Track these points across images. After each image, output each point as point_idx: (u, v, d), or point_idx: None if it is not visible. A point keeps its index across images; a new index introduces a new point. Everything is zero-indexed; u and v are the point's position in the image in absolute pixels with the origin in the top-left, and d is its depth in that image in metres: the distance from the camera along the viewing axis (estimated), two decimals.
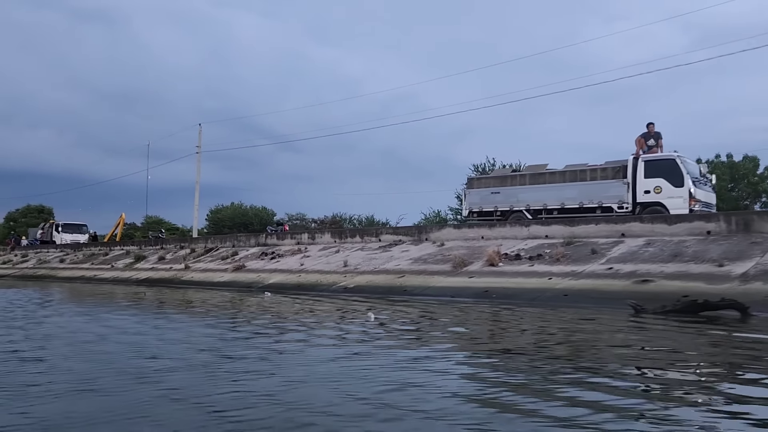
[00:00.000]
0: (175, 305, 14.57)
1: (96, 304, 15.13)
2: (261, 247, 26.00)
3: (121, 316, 11.83)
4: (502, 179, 20.44)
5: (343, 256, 20.80)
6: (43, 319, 11.09)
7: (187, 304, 14.94)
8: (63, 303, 15.82)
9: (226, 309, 13.17)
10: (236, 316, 11.31)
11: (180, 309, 13.47)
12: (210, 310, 12.99)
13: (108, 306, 14.54)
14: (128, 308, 13.70)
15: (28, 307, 14.15)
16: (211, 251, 27.78)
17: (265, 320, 10.42)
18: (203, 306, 14.20)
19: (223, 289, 20.59)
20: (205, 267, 25.07)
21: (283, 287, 18.72)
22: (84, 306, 14.70)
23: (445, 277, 15.78)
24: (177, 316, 11.51)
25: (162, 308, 13.70)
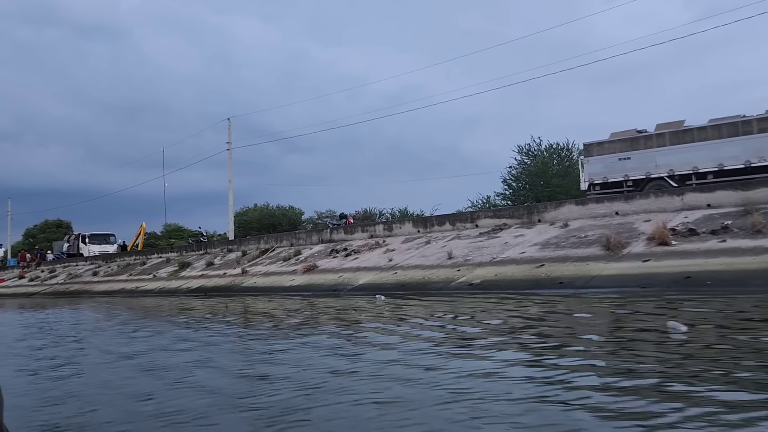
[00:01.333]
0: (277, 318, 11.32)
1: (182, 322, 11.92)
2: (326, 244, 22.76)
3: (235, 339, 8.62)
4: (631, 142, 16.95)
5: (439, 247, 17.50)
6: (160, 349, 7.91)
7: (289, 315, 11.68)
8: (141, 323, 12.64)
9: (358, 321, 9.90)
10: (396, 334, 8.03)
11: (296, 325, 10.21)
12: (336, 322, 9.73)
13: (198, 324, 11.32)
14: (227, 326, 10.47)
15: (111, 331, 10.98)
16: (267, 252, 24.57)
17: (460, 338, 7.13)
18: (313, 318, 10.93)
19: (299, 294, 17.37)
20: (266, 270, 21.85)
21: (381, 288, 15.45)
22: (172, 324, 11.49)
23: (605, 263, 12.41)
24: (315, 338, 8.25)
25: (269, 324, 10.45)
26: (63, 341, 9.94)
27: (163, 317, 13.70)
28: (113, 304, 20.43)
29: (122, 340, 9.50)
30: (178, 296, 22.30)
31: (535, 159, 46.91)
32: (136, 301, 21.67)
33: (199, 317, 12.76)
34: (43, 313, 18.90)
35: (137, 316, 14.40)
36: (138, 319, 13.60)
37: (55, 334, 11.43)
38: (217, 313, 13.34)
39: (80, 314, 16.42)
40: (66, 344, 9.46)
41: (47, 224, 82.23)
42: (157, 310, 16.28)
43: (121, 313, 15.66)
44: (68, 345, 9.36)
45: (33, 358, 8.04)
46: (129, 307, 18.09)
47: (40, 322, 14.80)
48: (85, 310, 17.95)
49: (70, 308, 20.24)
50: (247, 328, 10.15)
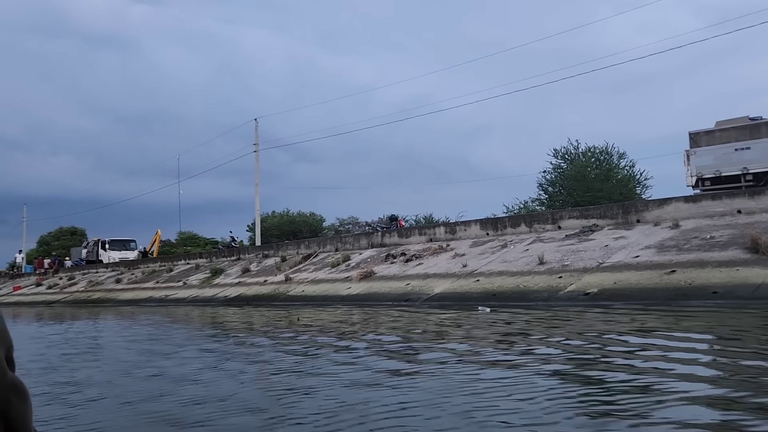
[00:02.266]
0: (367, 334, 9.11)
1: (268, 345, 9.75)
2: (377, 248, 20.58)
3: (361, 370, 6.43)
4: (750, 130, 14.66)
5: (521, 251, 15.28)
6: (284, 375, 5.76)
7: (380, 330, 9.46)
8: (205, 338, 10.49)
9: (512, 342, 7.68)
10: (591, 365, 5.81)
11: (422, 349, 8.00)
12: (478, 343, 7.51)
13: (283, 346, 9.15)
14: (316, 348, 8.28)
15: (187, 354, 8.83)
16: (310, 258, 22.41)
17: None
18: (433, 335, 8.72)
19: (359, 304, 15.20)
20: (313, 277, 19.68)
21: (466, 297, 13.24)
22: (257, 346, 9.32)
23: (762, 268, 10.15)
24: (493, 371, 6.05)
25: (367, 344, 8.24)
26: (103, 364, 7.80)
27: (226, 333, 11.52)
28: (146, 314, 18.28)
29: (213, 377, 7.32)
30: (215, 305, 20.17)
31: (572, 163, 44.61)
32: (169, 311, 19.54)
33: (271, 334, 10.58)
34: (72, 324, 16.82)
35: (191, 333, 12.22)
36: (197, 338, 11.43)
37: (96, 356, 9.29)
38: (283, 327, 11.15)
39: (117, 328, 14.30)
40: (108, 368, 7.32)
41: (61, 231, 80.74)
42: (198, 321, 14.12)
43: (167, 327, 13.49)
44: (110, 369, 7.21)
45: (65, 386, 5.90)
46: (170, 319, 15.93)
47: (78, 336, 12.67)
48: (120, 323, 15.83)
49: (97, 319, 18.14)
50: (350, 352, 7.95)
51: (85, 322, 17.27)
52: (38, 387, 6.01)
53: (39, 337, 12.23)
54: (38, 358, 8.67)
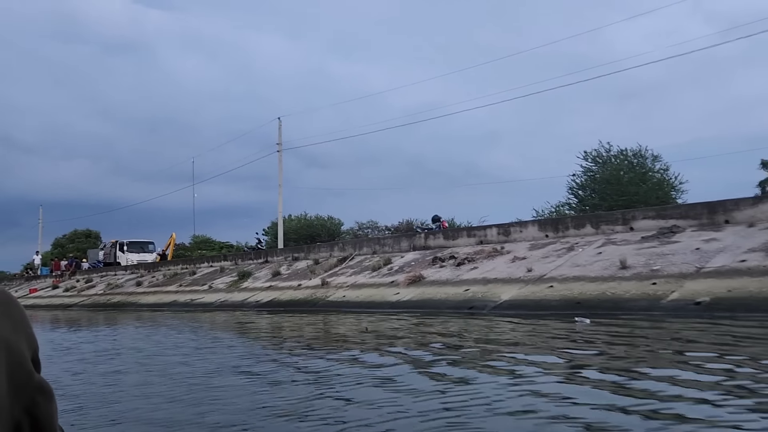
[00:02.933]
0: (475, 352, 7.55)
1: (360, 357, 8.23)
2: (421, 251, 19.03)
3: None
4: None
5: (593, 254, 13.69)
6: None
7: (497, 343, 7.89)
8: (276, 351, 8.97)
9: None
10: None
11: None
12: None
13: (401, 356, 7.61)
14: (437, 382, 6.73)
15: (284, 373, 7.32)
16: (346, 261, 20.89)
17: None
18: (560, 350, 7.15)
19: (410, 312, 13.69)
20: (353, 282, 18.15)
21: (543, 305, 11.67)
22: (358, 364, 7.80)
23: None
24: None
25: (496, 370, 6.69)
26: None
27: (275, 346, 9.99)
28: (178, 320, 16.77)
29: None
30: (246, 311, 18.70)
31: (604, 166, 42.88)
32: (200, 316, 18.07)
33: (360, 347, 9.04)
34: (99, 330, 15.37)
35: (251, 345, 10.68)
36: (267, 350, 9.91)
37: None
38: (358, 338, 9.60)
39: (157, 336, 12.81)
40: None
41: (76, 234, 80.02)
42: (261, 332, 12.61)
43: (213, 336, 11.95)
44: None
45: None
46: (210, 326, 14.44)
47: (116, 346, 11.20)
48: (154, 329, 14.34)
49: (125, 325, 16.69)
50: (515, 377, 6.39)
51: (114, 328, 15.81)
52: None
53: (70, 347, 10.75)
54: (84, 379, 7.19)
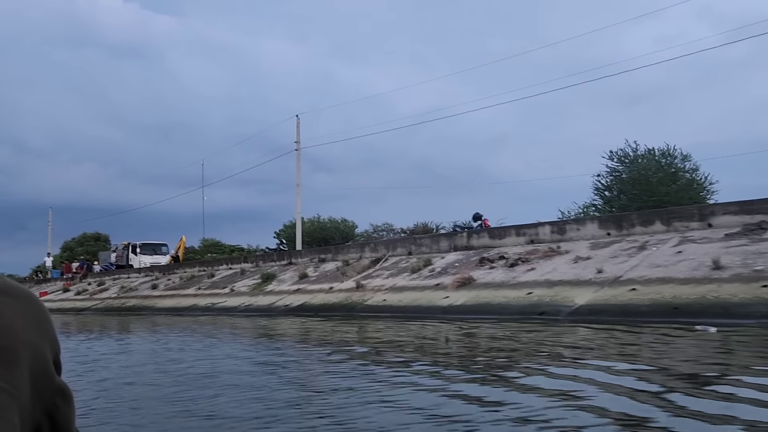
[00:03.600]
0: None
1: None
2: (463, 251, 17.51)
3: None
4: None
5: (672, 254, 12.15)
6: None
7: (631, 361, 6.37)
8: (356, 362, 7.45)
9: None
10: None
11: None
12: None
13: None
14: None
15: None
16: (380, 262, 19.38)
17: None
18: None
19: (464, 318, 12.20)
20: (391, 284, 16.65)
21: (630, 311, 10.15)
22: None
23: None
24: None
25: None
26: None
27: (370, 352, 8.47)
28: (206, 325, 15.26)
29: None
30: (275, 316, 17.24)
31: (631, 166, 41.25)
32: (227, 321, 16.59)
33: (449, 358, 7.53)
34: (121, 338, 13.91)
35: (314, 353, 9.14)
36: (340, 362, 8.41)
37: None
38: (443, 348, 8.08)
39: (197, 345, 11.32)
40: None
41: (85, 237, 78.96)
42: (308, 338, 11.10)
43: (262, 344, 10.42)
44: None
45: None
46: (249, 333, 12.95)
47: (152, 359, 9.74)
48: (187, 337, 12.84)
49: (149, 331, 15.24)
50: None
51: (138, 335, 14.34)
52: None
53: (93, 359, 9.26)
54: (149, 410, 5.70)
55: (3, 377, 0.58)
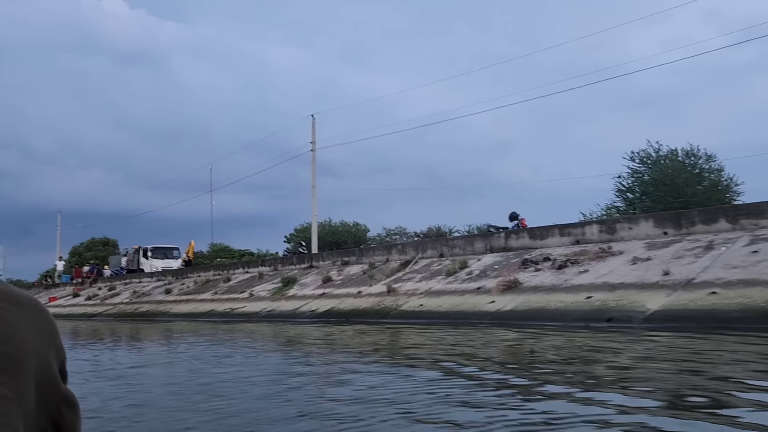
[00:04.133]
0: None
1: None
2: (501, 253, 16.37)
3: None
4: None
5: (745, 254, 10.99)
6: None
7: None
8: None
9: None
10: None
11: None
12: None
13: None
14: None
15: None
16: (410, 264, 18.25)
17: None
18: None
19: (515, 324, 11.06)
20: (425, 288, 15.53)
21: (717, 317, 8.98)
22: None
23: None
24: None
25: None
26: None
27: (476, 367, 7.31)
28: (233, 332, 14.13)
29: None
30: (300, 322, 16.15)
31: (653, 167, 40.06)
32: (246, 327, 15.48)
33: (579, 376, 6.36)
34: (141, 347, 12.78)
35: (392, 383, 7.94)
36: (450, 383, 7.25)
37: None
38: (558, 366, 6.89)
39: (239, 359, 10.19)
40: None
41: (93, 242, 78.38)
42: (363, 348, 9.94)
43: (318, 356, 9.24)
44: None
45: None
46: (285, 343, 11.81)
47: (193, 377, 8.61)
48: (220, 346, 11.70)
49: (171, 340, 14.14)
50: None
51: (160, 343, 13.19)
52: None
53: (119, 374, 8.09)
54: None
55: (8, 385, 0.57)
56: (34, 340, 0.63)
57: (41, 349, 0.63)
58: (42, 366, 0.63)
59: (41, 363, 0.63)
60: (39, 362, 0.62)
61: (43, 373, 0.62)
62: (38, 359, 0.62)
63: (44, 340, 0.65)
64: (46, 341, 0.65)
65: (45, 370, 0.63)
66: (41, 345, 0.64)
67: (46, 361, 0.64)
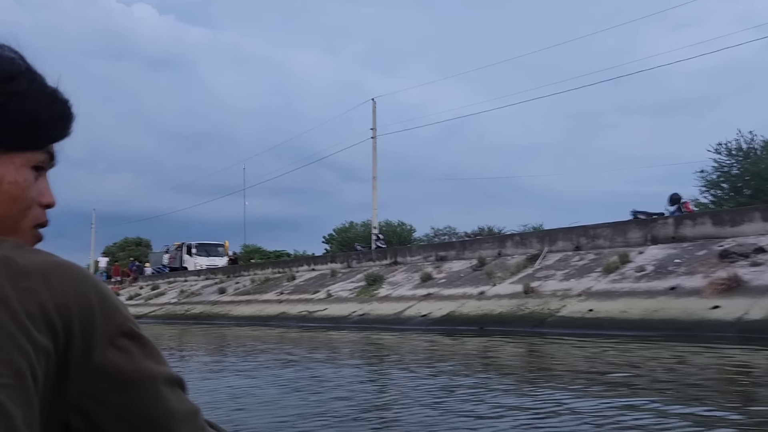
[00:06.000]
0: None
1: None
2: (672, 244, 12.48)
3: None
4: None
5: None
6: None
7: None
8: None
9: None
10: None
11: None
12: None
13: None
14: None
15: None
16: (537, 259, 14.46)
17: None
18: None
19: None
20: (581, 288, 11.74)
21: None
22: None
23: None
24: None
25: None
26: None
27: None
28: (320, 343, 10.47)
29: None
30: (410, 330, 12.51)
31: (744, 159, 35.64)
32: (347, 337, 11.85)
33: None
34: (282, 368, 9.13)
35: None
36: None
37: None
38: None
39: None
40: None
41: (126, 242, 76.20)
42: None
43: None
44: None
45: None
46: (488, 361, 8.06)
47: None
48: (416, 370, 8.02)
49: (263, 352, 10.48)
50: None
51: (260, 356, 9.51)
52: None
53: (247, 401, 4.43)
54: None
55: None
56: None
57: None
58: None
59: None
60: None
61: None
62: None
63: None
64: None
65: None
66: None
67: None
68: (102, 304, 0.64)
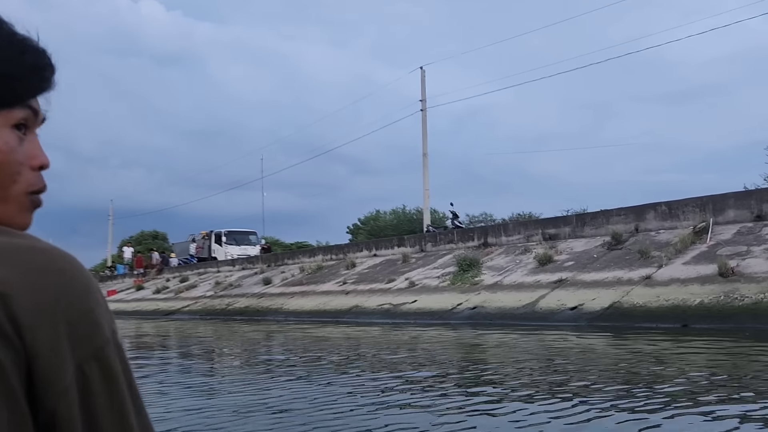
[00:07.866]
0: None
1: None
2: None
3: None
4: None
5: None
6: None
7: None
8: None
9: None
10: None
11: None
12: None
13: None
14: None
15: None
16: (706, 234, 10.91)
17: None
18: None
19: None
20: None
21: None
22: None
23: None
24: None
25: None
26: None
27: None
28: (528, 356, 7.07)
29: None
30: (556, 326, 9.03)
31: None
32: (517, 341, 8.43)
33: None
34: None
35: None
36: None
37: None
38: None
39: None
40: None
41: (143, 235, 73.10)
42: None
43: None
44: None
45: None
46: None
47: None
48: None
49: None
50: None
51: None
52: None
53: None
54: None
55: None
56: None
57: None
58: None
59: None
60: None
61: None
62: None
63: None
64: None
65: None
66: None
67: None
68: (78, 313, 0.53)
